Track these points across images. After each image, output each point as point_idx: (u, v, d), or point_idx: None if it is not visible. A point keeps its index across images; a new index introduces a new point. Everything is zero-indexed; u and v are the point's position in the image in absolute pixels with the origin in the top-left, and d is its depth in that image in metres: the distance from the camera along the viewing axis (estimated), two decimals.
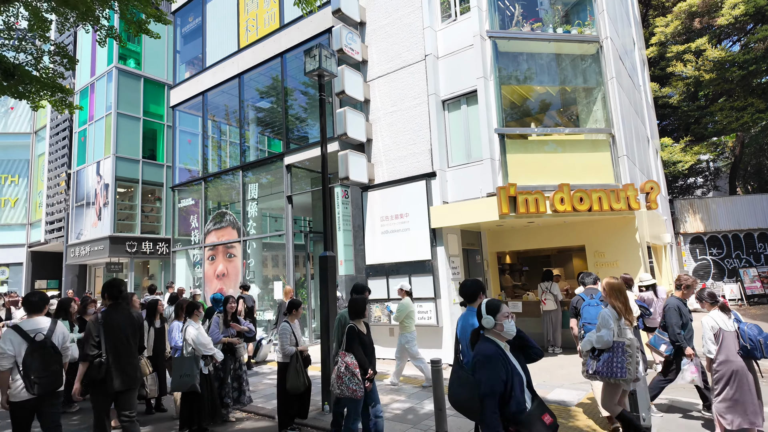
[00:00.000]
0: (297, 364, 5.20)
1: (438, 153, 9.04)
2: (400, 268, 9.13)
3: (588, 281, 5.50)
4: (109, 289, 4.56)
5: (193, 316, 5.52)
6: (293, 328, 5.41)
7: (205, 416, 5.41)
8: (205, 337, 5.47)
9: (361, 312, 4.61)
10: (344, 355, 4.36)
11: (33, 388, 4.03)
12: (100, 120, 18.45)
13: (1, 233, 22.25)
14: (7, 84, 7.02)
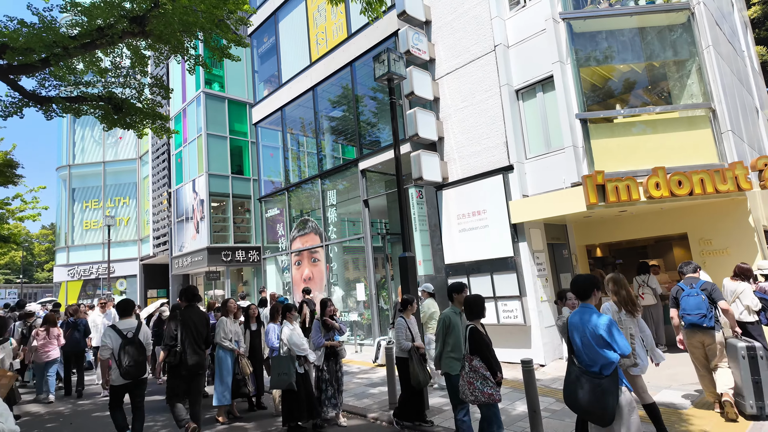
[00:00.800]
0: (417, 359, 5.17)
1: (514, 145, 8.73)
2: (481, 267, 8.93)
3: (687, 270, 5.29)
4: (186, 293, 5.74)
5: (287, 318, 5.73)
6: (408, 324, 5.40)
7: (302, 413, 5.55)
8: (298, 337, 5.62)
9: (480, 311, 4.28)
10: (470, 359, 4.11)
11: (126, 375, 5.13)
12: (192, 142, 20.23)
13: (119, 249, 25.20)
14: (118, 117, 7.96)
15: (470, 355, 4.12)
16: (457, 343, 4.55)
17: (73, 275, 25.65)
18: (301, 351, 5.55)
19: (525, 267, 8.31)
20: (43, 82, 7.63)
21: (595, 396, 3.07)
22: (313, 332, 5.86)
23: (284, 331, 5.61)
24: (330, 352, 5.84)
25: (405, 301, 5.52)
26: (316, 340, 5.75)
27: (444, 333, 4.63)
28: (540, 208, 8.18)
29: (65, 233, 26.42)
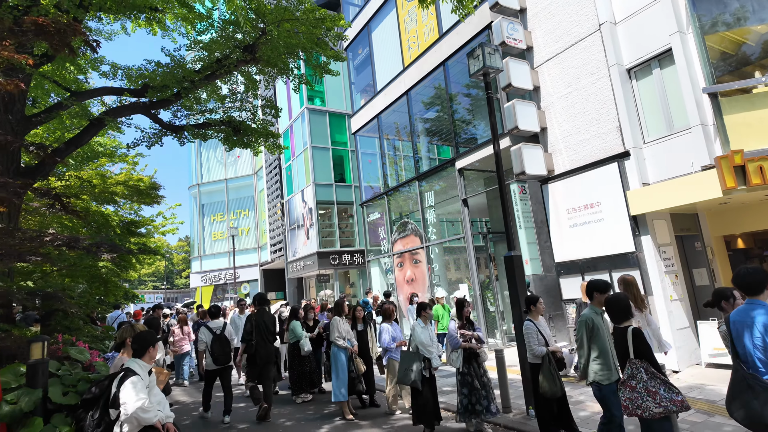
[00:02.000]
0: (550, 366, 4.69)
1: (629, 129, 7.97)
2: (597, 264, 8.27)
3: None
4: (258, 299, 7.31)
5: (420, 317, 5.70)
6: (538, 326, 4.96)
7: (427, 417, 5.40)
8: (428, 338, 5.53)
9: (626, 311, 3.74)
10: (642, 364, 3.52)
11: (216, 362, 6.83)
12: (300, 155, 21.76)
13: (242, 256, 27.97)
14: (237, 138, 8.86)
15: (640, 360, 3.54)
16: (604, 348, 4.04)
17: (206, 281, 29.06)
18: (426, 352, 5.40)
19: (650, 263, 7.51)
20: (176, 113, 8.78)
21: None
22: (449, 333, 5.57)
23: (416, 329, 5.57)
24: (470, 354, 5.45)
25: (530, 300, 5.12)
26: (453, 341, 5.46)
27: (589, 337, 4.13)
28: (664, 197, 7.34)
29: (198, 244, 30.10)
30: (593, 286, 4.38)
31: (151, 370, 3.48)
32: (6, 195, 4.74)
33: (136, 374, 3.17)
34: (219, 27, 8.18)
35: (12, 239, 4.75)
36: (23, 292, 4.85)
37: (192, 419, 7.11)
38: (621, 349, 3.66)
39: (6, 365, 4.50)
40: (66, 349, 5.06)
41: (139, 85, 7.84)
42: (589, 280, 4.54)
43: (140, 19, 8.07)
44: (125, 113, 7.91)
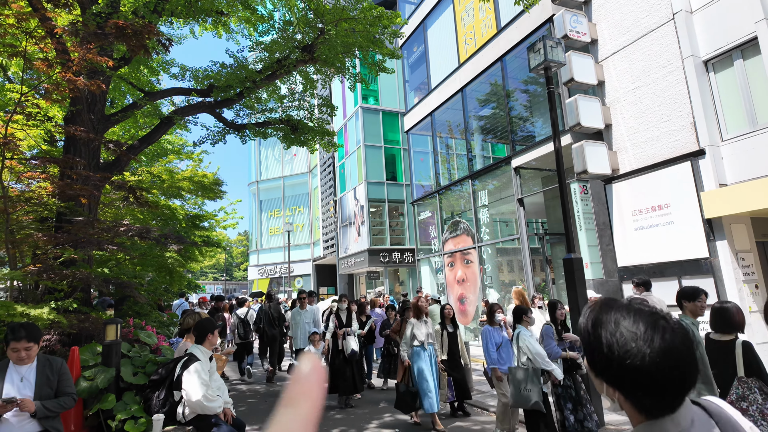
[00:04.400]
0: None
1: (705, 125, 7.38)
2: (665, 270, 7.73)
3: None
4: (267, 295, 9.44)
5: (522, 322, 4.86)
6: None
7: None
8: (538, 345, 4.74)
9: (737, 322, 3.34)
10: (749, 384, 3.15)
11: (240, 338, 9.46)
12: (353, 153, 22.06)
13: (296, 251, 28.81)
14: (294, 136, 9.12)
15: (753, 378, 3.16)
16: (706, 364, 3.62)
17: (262, 274, 30.22)
18: (545, 363, 4.59)
19: (725, 270, 6.91)
20: (238, 112, 9.17)
21: None
22: (545, 339, 4.93)
23: (523, 338, 4.71)
24: (570, 365, 4.88)
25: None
26: (552, 349, 4.83)
27: None
28: (745, 199, 6.72)
29: (255, 238, 31.36)
30: (682, 294, 3.99)
31: (212, 356, 3.64)
32: (88, 188, 5.16)
33: (198, 359, 3.33)
34: (279, 28, 8.45)
35: (92, 229, 5.17)
36: (100, 279, 5.26)
37: (247, 406, 7.41)
38: (723, 364, 3.26)
39: (85, 345, 4.91)
40: (136, 333, 5.44)
41: (204, 86, 8.26)
42: (680, 289, 4.13)
43: (207, 22, 8.49)
44: (192, 112, 8.37)
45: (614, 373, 0.89)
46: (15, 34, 4.88)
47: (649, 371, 0.85)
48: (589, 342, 0.95)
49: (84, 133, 5.39)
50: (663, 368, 0.85)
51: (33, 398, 2.87)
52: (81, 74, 5.11)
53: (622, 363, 0.87)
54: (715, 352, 3.30)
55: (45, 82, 5.14)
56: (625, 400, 0.90)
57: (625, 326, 0.90)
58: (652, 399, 0.87)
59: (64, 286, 4.80)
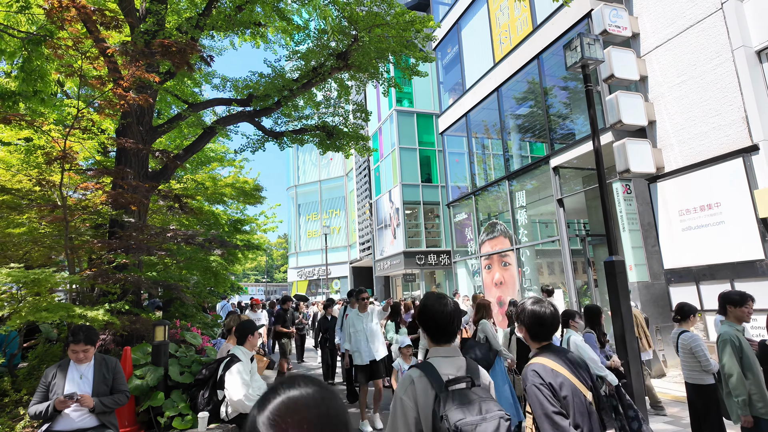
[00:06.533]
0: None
1: (758, 119, 6.96)
2: (716, 272, 7.34)
3: None
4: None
5: (569, 327, 4.64)
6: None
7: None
8: (592, 351, 4.48)
9: None
10: None
11: None
12: (387, 156, 22.18)
13: (333, 254, 29.26)
14: (330, 142, 9.29)
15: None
16: (758, 373, 3.50)
17: (301, 276, 30.86)
18: (599, 369, 4.33)
19: None
20: (276, 120, 9.43)
21: None
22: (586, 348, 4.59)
23: (578, 342, 4.45)
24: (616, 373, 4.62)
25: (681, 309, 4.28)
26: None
27: (740, 359, 3.53)
28: None
29: (294, 241, 32.07)
30: (726, 298, 3.81)
31: (253, 356, 3.79)
32: (138, 196, 5.48)
33: (239, 360, 3.48)
34: (314, 37, 8.64)
35: (141, 235, 5.48)
36: (149, 282, 5.56)
37: None
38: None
39: (136, 344, 5.21)
40: (183, 334, 5.71)
41: (244, 95, 8.57)
42: (722, 292, 3.93)
43: (245, 34, 8.80)
44: (233, 122, 8.69)
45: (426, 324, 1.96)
46: (72, 54, 5.26)
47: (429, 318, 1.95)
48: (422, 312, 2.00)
49: (133, 145, 5.73)
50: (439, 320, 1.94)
51: (91, 395, 3.10)
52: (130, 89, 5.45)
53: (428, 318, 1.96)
54: None
55: (99, 98, 5.51)
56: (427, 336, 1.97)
57: (431, 302, 1.98)
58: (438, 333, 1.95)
59: (116, 288, 5.11)
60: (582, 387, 2.09)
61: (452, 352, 1.90)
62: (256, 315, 9.85)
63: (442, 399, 1.69)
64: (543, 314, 2.17)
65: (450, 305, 1.94)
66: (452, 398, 1.69)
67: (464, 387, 1.76)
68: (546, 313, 2.17)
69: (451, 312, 1.92)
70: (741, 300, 3.70)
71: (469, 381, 1.78)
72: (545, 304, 2.22)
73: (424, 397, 1.73)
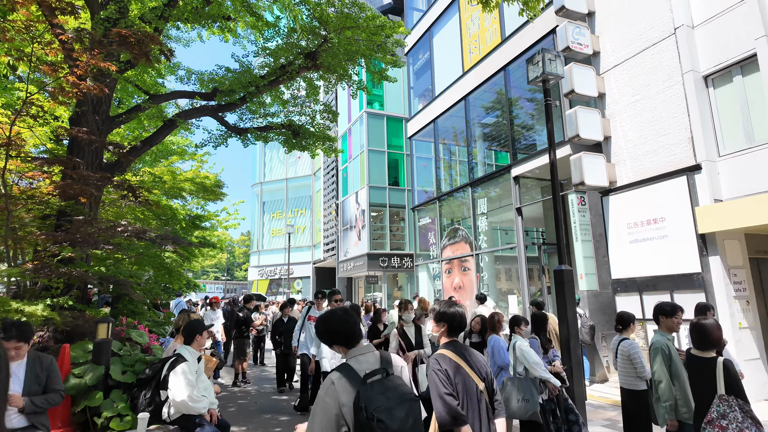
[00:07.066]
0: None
1: (702, 140, 7.41)
2: (658, 283, 7.75)
3: None
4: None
5: (517, 333, 4.80)
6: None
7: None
8: (535, 356, 4.61)
9: (718, 339, 3.37)
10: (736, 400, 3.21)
11: None
12: (356, 158, 22.18)
13: (296, 254, 28.95)
14: (296, 141, 9.22)
15: (732, 397, 3.21)
16: (684, 380, 3.70)
17: (262, 275, 30.37)
18: (542, 372, 4.51)
19: (717, 286, 6.92)
20: (241, 117, 9.29)
21: None
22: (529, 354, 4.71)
23: (523, 346, 4.61)
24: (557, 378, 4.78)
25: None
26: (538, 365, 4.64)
27: (669, 367, 3.75)
28: (739, 216, 6.75)
29: (257, 239, 31.54)
30: (659, 309, 4.04)
31: (201, 356, 3.72)
32: (88, 188, 5.27)
33: (185, 360, 3.42)
34: (284, 34, 8.57)
35: (90, 228, 5.27)
36: (96, 276, 5.36)
37: (237, 406, 7.49)
38: (703, 381, 3.30)
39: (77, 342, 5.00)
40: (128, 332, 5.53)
41: (209, 89, 8.39)
42: (656, 303, 4.17)
43: (214, 27, 8.62)
44: (195, 115, 8.49)
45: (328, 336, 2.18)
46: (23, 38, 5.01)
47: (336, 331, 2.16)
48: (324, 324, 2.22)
49: (86, 135, 5.51)
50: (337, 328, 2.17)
51: (21, 394, 2.96)
52: (86, 77, 5.24)
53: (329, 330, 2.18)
54: (696, 368, 3.34)
55: (51, 84, 5.28)
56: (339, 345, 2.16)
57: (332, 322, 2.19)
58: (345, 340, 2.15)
59: (59, 283, 4.90)
60: (475, 377, 2.43)
61: (364, 350, 2.13)
62: (215, 314, 9.64)
63: (362, 392, 1.90)
64: (454, 315, 2.63)
65: (353, 317, 2.21)
66: (371, 389, 1.92)
67: (380, 377, 1.99)
68: (457, 315, 2.63)
69: (354, 321, 2.19)
70: (672, 311, 3.95)
71: (384, 371, 2.02)
72: (459, 308, 2.67)
73: (345, 394, 1.92)
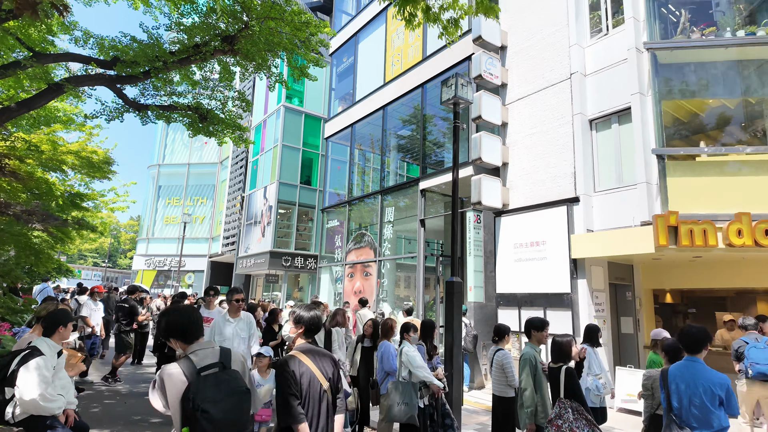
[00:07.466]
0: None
1: (582, 176, 8.40)
2: (534, 300, 8.59)
3: (749, 324, 5.88)
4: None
5: (406, 339, 4.90)
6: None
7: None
8: (420, 358, 4.77)
9: (569, 353, 3.91)
10: (571, 403, 3.68)
11: None
12: (269, 151, 21.51)
13: (192, 245, 27.11)
14: (202, 125, 8.70)
15: (569, 400, 3.68)
16: (544, 389, 4.10)
17: (149, 265, 27.98)
18: (426, 375, 4.66)
19: (582, 305, 7.88)
20: (143, 92, 8.54)
21: None
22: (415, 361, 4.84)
23: (409, 351, 4.74)
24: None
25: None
26: (422, 370, 4.79)
27: (534, 377, 4.08)
28: (604, 245, 7.76)
29: (148, 225, 29.00)
30: (532, 324, 4.43)
31: (62, 351, 3.34)
32: None
33: (41, 354, 3.04)
34: (203, 13, 8.07)
35: None
36: None
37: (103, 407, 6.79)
38: (553, 388, 3.78)
39: None
40: None
41: (109, 57, 7.60)
42: (529, 318, 4.57)
43: None
44: (88, 83, 7.64)
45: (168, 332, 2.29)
46: None
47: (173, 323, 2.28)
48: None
49: None
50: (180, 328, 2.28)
51: None
52: None
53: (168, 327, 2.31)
54: (551, 377, 3.81)
55: None
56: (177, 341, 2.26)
57: (174, 317, 2.32)
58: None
59: None
60: (321, 377, 2.63)
61: (205, 345, 2.27)
62: (96, 305, 8.62)
63: (193, 384, 2.02)
64: (319, 318, 2.86)
65: (195, 314, 2.35)
66: (203, 381, 2.04)
67: (216, 371, 2.12)
68: (314, 318, 2.83)
69: (195, 318, 2.32)
70: (542, 325, 4.43)
71: (220, 365, 2.15)
72: (316, 312, 2.87)
73: (174, 387, 2.04)
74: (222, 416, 1.97)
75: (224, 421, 1.98)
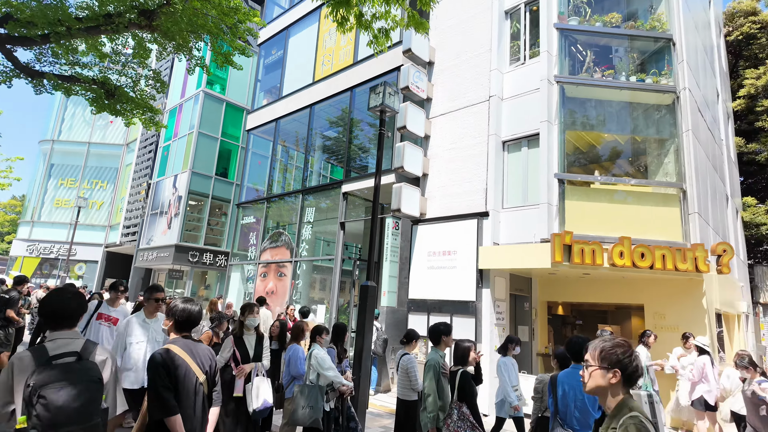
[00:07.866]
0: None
1: (493, 193, 8.97)
2: (443, 307, 8.99)
3: None
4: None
5: (317, 342, 4.90)
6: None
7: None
8: (330, 363, 4.75)
9: (467, 359, 4.17)
10: (459, 405, 3.90)
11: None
12: (182, 138, 20.15)
13: (85, 232, 24.46)
14: (109, 102, 7.94)
15: (459, 402, 3.89)
16: (446, 394, 4.23)
17: (32, 251, 24.78)
18: (335, 377, 4.67)
19: (485, 313, 8.39)
20: (39, 57, 7.60)
21: None
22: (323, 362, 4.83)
23: (319, 353, 4.73)
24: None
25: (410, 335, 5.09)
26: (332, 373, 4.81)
27: (437, 382, 4.21)
28: (508, 258, 8.35)
29: (33, 207, 25.66)
30: (437, 330, 4.53)
31: None
32: None
33: None
34: None
35: None
36: None
37: None
38: (452, 390, 4.02)
39: None
40: None
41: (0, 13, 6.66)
42: (435, 324, 4.67)
43: None
44: None
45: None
46: None
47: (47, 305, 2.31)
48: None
49: None
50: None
51: None
52: None
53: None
54: (451, 380, 4.05)
55: None
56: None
57: (53, 297, 2.37)
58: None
59: None
60: (197, 370, 2.63)
61: (72, 335, 2.30)
62: None
63: (38, 371, 2.05)
64: (192, 311, 2.78)
65: (74, 300, 2.35)
66: (51, 368, 2.08)
67: (71, 361, 2.16)
68: (194, 311, 2.78)
69: (72, 307, 2.33)
70: (448, 330, 4.63)
71: (76, 356, 2.19)
72: (195, 304, 2.84)
73: (21, 372, 2.08)
74: (61, 403, 1.98)
75: (64, 409, 1.98)
